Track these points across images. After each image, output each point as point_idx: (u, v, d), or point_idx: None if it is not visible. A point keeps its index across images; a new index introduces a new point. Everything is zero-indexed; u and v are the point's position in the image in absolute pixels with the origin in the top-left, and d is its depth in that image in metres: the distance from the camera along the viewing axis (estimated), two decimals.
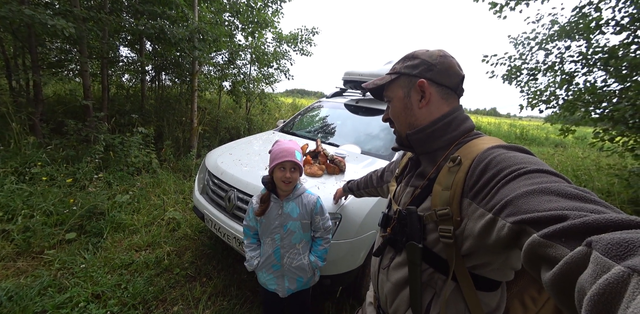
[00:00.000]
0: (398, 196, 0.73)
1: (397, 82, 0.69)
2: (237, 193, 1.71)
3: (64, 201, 2.48)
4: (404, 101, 0.68)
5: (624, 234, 0.25)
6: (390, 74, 0.70)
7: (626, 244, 0.24)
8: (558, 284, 0.29)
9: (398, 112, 0.70)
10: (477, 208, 0.49)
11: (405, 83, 0.68)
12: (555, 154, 6.34)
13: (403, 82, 0.68)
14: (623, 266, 0.22)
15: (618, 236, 0.25)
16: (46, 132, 3.51)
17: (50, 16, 2.62)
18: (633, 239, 0.24)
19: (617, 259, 0.23)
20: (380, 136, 2.30)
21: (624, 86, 2.86)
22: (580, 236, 0.29)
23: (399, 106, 0.69)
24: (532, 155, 0.50)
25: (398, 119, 0.70)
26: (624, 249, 0.24)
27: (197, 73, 4.31)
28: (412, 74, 0.66)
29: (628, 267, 0.22)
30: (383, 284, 0.70)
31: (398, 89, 0.69)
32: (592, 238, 0.27)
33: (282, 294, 1.25)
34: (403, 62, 0.70)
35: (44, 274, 1.79)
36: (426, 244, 0.60)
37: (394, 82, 0.69)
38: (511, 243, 0.40)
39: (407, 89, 0.67)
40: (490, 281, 0.58)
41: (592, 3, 3.37)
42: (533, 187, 0.39)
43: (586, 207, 0.33)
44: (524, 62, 4.18)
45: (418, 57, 0.67)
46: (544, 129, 13.69)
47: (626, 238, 0.24)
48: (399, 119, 0.70)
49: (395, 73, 0.69)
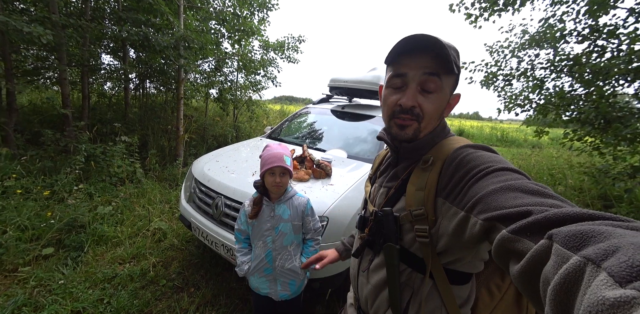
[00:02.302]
0: (373, 197, 0.73)
1: (453, 79, 0.59)
2: (224, 200, 1.70)
3: (41, 215, 2.36)
4: (446, 103, 0.61)
5: (579, 226, 0.28)
6: (455, 64, 0.56)
7: (581, 235, 0.26)
8: (525, 276, 0.32)
9: (439, 111, 0.60)
10: (451, 207, 0.51)
11: (454, 85, 0.61)
12: (532, 154, 6.66)
13: (454, 82, 0.61)
14: (579, 256, 0.24)
15: (574, 228, 0.27)
16: (20, 143, 3.35)
17: (26, 23, 2.55)
18: (587, 231, 0.26)
19: (574, 250, 0.25)
20: (367, 140, 2.36)
21: (588, 91, 3.08)
22: (543, 229, 0.31)
23: (442, 106, 0.60)
24: (496, 154, 0.54)
25: (432, 118, 0.60)
26: (580, 240, 0.26)
27: (183, 81, 4.28)
28: (458, 81, 0.63)
29: (583, 257, 0.24)
30: (363, 286, 0.70)
31: (450, 86, 0.60)
32: (552, 231, 0.29)
33: (276, 297, 1.25)
34: (459, 59, 0.59)
35: (19, 292, 1.70)
36: (403, 245, 0.61)
37: (452, 76, 0.59)
38: (482, 238, 0.43)
39: (450, 92, 0.61)
40: (463, 274, 0.60)
41: (556, 15, 3.65)
42: (500, 185, 0.43)
43: (546, 202, 0.36)
44: (500, 68, 4.43)
45: None
46: (522, 131, 14.35)
47: (581, 229, 0.27)
48: (433, 119, 0.60)
49: (458, 68, 0.57)
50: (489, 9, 3.85)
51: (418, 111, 0.58)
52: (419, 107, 0.57)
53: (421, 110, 0.58)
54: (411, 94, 0.57)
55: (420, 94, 0.57)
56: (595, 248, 0.24)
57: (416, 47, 0.55)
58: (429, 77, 0.56)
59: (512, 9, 3.79)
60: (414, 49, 0.56)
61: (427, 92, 0.57)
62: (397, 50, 0.57)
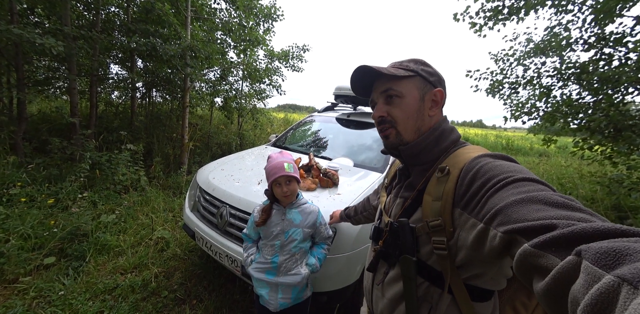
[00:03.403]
0: (389, 208, 0.71)
1: (413, 81, 0.64)
2: (229, 209, 1.66)
3: (44, 223, 2.34)
4: (416, 101, 0.64)
5: (611, 243, 0.26)
6: (405, 70, 0.64)
7: (614, 253, 0.24)
8: (550, 294, 0.29)
9: (411, 112, 0.64)
10: (469, 218, 0.49)
11: (421, 85, 0.65)
12: (540, 163, 6.56)
13: (420, 83, 0.65)
14: (613, 276, 0.22)
15: (606, 245, 0.25)
16: (28, 151, 3.39)
17: (39, 35, 2.62)
18: (620, 248, 0.24)
19: (606, 269, 0.24)
20: (373, 148, 2.33)
21: (596, 98, 3.04)
22: (569, 245, 0.29)
23: (413, 107, 0.64)
24: (516, 163, 0.52)
25: (407, 120, 0.64)
26: (613, 258, 0.24)
27: (189, 89, 4.33)
28: (429, 80, 0.65)
29: (618, 276, 0.22)
30: (378, 300, 0.68)
31: (414, 88, 0.64)
32: (581, 247, 0.27)
33: (274, 307, 1.21)
34: (415, 64, 0.66)
35: (17, 304, 1.66)
36: (420, 257, 0.59)
37: (409, 80, 0.64)
38: (503, 252, 0.40)
39: (423, 93, 0.64)
40: (484, 291, 0.57)
41: (561, 24, 3.66)
42: (521, 196, 0.40)
43: (574, 215, 0.33)
44: (505, 76, 4.42)
45: (430, 66, 0.67)
46: (528, 139, 14.22)
47: (614, 246, 0.25)
48: (409, 120, 0.64)
49: (411, 71, 0.64)
50: (494, 18, 3.88)
51: (389, 119, 0.65)
52: (388, 115, 0.65)
53: (391, 116, 0.65)
54: (378, 107, 0.67)
55: (387, 104, 0.66)
56: (632, 268, 0.22)
57: (370, 78, 0.68)
58: (385, 93, 0.65)
59: (516, 18, 3.81)
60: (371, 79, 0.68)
61: (391, 100, 0.65)
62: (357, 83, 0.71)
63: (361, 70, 0.65)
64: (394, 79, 0.64)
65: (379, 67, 0.63)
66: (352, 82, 0.70)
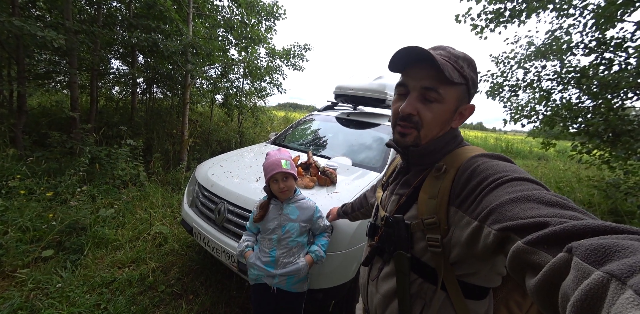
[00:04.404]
0: (385, 204, 0.72)
1: (459, 90, 0.59)
2: (227, 205, 1.68)
3: (43, 216, 2.35)
4: (451, 113, 0.60)
5: (601, 239, 0.26)
6: (460, 75, 0.57)
7: (604, 249, 0.25)
8: (542, 290, 0.30)
9: (440, 121, 0.60)
10: (464, 216, 0.50)
11: (461, 96, 0.60)
12: (538, 166, 6.58)
13: (462, 94, 0.60)
14: (602, 272, 0.23)
15: (596, 242, 0.26)
16: (28, 144, 3.39)
17: (40, 28, 2.62)
18: (610, 245, 0.25)
19: (596, 265, 0.24)
20: (372, 148, 2.34)
21: (596, 103, 3.06)
22: (561, 242, 0.30)
23: (444, 117, 0.60)
24: (512, 163, 0.53)
25: (434, 127, 0.60)
26: (602, 255, 0.25)
27: (190, 86, 4.33)
28: (470, 91, 0.61)
29: (607, 272, 0.23)
30: (372, 296, 0.69)
31: (454, 98, 0.59)
32: (572, 244, 0.28)
33: (270, 282, 1.25)
34: (469, 67, 0.59)
35: (15, 295, 1.67)
36: (414, 253, 0.60)
37: (457, 87, 0.58)
38: (497, 249, 0.41)
39: (459, 104, 0.60)
40: (479, 288, 0.58)
41: (562, 27, 3.67)
42: (515, 194, 0.41)
43: (565, 213, 0.34)
44: (505, 79, 4.43)
45: (477, 73, 0.61)
46: (527, 142, 14.23)
47: (603, 243, 0.25)
48: (435, 127, 0.60)
49: (464, 77, 0.58)
50: (495, 20, 3.89)
51: (417, 119, 0.59)
52: (417, 115, 0.59)
53: (420, 118, 0.59)
54: (410, 101, 0.59)
55: (421, 102, 0.59)
56: (620, 264, 0.23)
57: (416, 60, 0.58)
58: (426, 91, 0.58)
59: (518, 21, 3.82)
60: (416, 61, 0.59)
61: (428, 101, 0.58)
62: (397, 61, 0.60)
63: (415, 52, 0.55)
64: (446, 82, 0.56)
65: (442, 61, 0.54)
66: (396, 56, 0.58)
